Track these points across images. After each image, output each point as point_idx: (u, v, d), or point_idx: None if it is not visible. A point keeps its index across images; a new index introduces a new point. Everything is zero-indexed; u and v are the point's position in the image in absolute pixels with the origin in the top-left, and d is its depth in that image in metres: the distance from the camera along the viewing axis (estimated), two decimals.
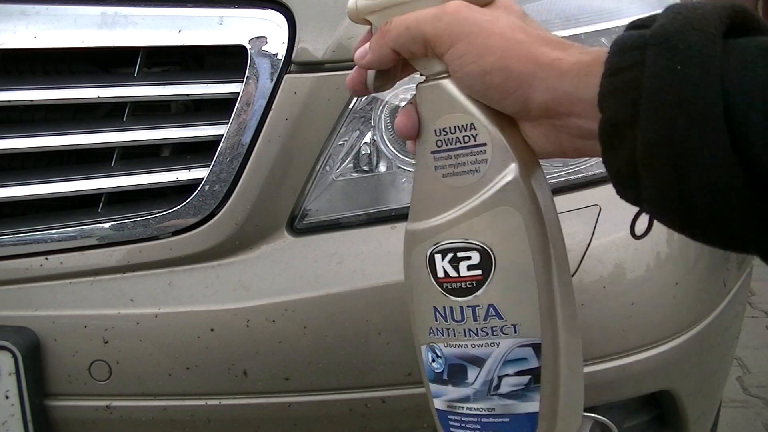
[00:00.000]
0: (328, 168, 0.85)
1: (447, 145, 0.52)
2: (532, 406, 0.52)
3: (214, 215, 0.83)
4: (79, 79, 0.84)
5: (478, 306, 0.52)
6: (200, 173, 0.82)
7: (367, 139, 0.86)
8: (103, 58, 0.86)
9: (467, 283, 0.52)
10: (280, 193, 0.83)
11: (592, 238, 0.83)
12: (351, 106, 0.84)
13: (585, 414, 0.91)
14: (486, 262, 0.51)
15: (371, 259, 0.82)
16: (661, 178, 0.42)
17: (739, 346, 1.87)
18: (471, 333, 0.52)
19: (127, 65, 0.85)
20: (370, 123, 0.85)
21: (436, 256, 0.53)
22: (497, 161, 0.51)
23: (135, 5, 0.82)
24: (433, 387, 0.56)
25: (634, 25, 0.46)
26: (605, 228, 0.84)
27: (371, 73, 0.56)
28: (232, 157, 0.82)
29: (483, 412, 0.54)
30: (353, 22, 0.56)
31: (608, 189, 0.94)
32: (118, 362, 0.81)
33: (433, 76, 0.53)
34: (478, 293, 0.52)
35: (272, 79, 0.81)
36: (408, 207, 0.86)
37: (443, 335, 0.54)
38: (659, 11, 0.43)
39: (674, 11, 0.43)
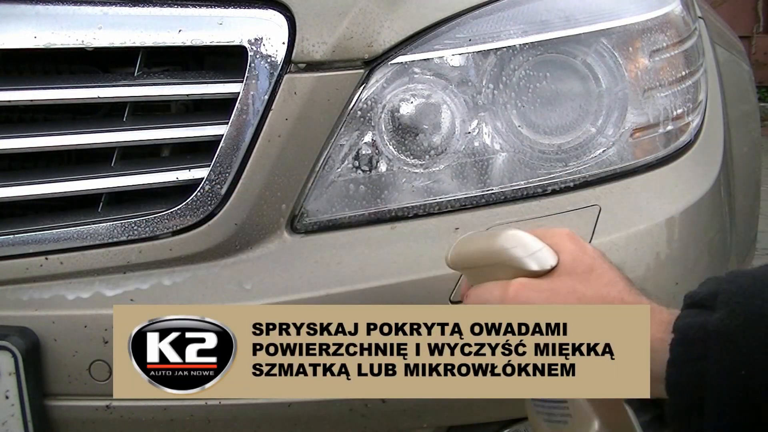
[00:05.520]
0: (328, 168, 0.85)
1: (539, 398, 0.64)
2: None
3: (214, 215, 0.82)
4: (79, 79, 0.84)
5: None
6: (200, 173, 0.82)
7: (367, 139, 0.85)
8: (103, 58, 0.86)
9: None
10: (280, 193, 0.83)
11: (592, 238, 0.82)
12: (351, 106, 0.84)
13: None
14: None
15: (371, 259, 0.82)
16: None
17: None
18: None
19: (127, 65, 0.84)
20: (370, 123, 0.85)
21: None
22: (579, 417, 0.60)
23: (135, 5, 0.81)
24: None
25: (694, 302, 0.51)
26: (605, 228, 0.84)
27: None
28: (232, 157, 0.81)
29: None
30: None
31: (608, 189, 0.94)
32: None
33: None
34: None
35: (272, 79, 0.81)
36: (408, 207, 0.87)
37: None
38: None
39: (733, 300, 0.47)
